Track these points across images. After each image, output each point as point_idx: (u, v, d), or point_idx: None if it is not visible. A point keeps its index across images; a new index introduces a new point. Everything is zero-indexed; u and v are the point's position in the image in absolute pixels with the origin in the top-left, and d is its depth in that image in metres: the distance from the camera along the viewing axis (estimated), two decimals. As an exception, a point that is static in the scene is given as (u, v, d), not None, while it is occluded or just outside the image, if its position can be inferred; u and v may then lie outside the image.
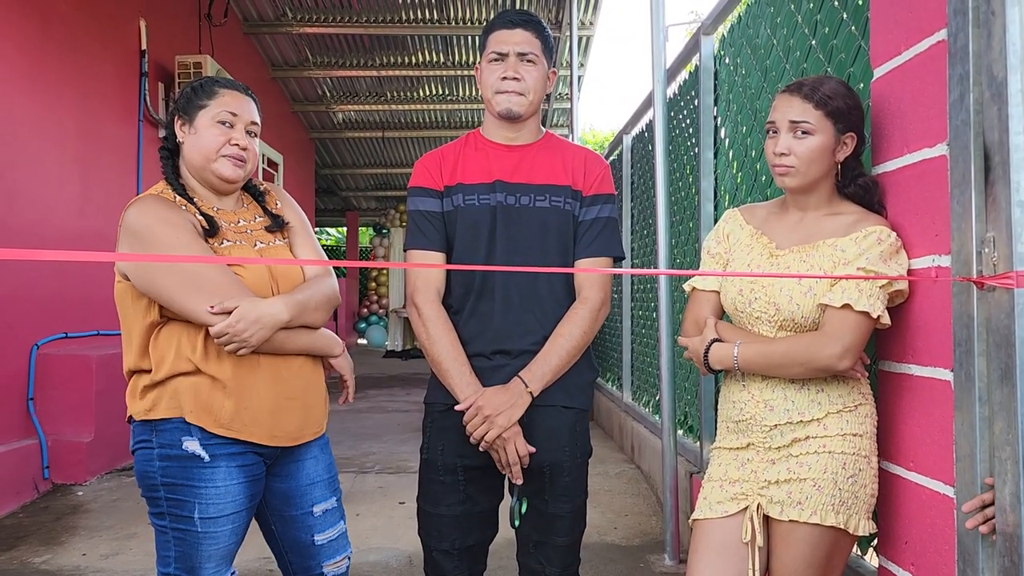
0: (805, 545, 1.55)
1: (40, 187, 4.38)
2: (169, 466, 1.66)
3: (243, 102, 1.78)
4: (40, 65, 4.40)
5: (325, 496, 1.87)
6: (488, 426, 1.74)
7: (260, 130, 1.84)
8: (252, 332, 1.63)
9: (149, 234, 1.64)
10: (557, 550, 1.85)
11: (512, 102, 1.85)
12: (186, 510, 1.65)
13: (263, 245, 1.80)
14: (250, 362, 1.70)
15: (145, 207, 1.67)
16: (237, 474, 1.69)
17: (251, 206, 1.89)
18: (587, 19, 7.84)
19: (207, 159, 1.74)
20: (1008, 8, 1.25)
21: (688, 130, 3.79)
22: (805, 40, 2.29)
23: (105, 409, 4.49)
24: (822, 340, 1.52)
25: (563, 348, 1.80)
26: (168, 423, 1.67)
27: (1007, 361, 1.25)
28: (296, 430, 1.78)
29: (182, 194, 1.75)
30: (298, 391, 1.77)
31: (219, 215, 1.78)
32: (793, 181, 1.61)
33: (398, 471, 4.68)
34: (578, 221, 1.88)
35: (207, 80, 1.81)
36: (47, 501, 4.05)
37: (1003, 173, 1.26)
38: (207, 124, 1.74)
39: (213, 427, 1.66)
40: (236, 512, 1.69)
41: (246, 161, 1.78)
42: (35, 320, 4.31)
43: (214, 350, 1.67)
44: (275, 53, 8.59)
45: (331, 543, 1.87)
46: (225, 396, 1.67)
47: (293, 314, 1.70)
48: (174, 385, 1.67)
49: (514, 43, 1.85)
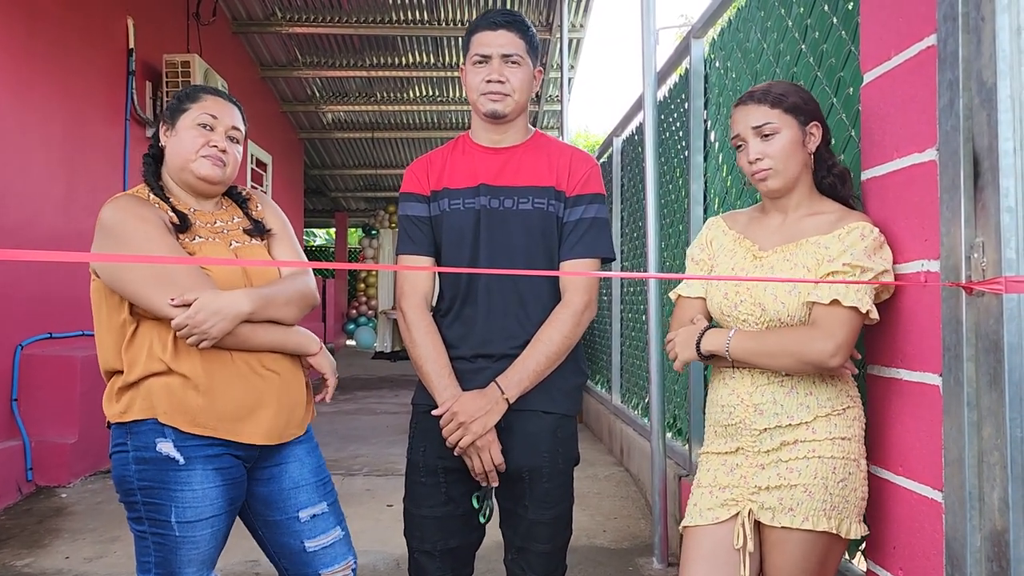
0: (798, 551, 1.55)
1: (26, 187, 4.34)
2: (144, 469, 1.65)
3: (225, 107, 1.81)
4: (26, 64, 4.36)
5: (313, 500, 1.84)
6: (462, 432, 1.74)
7: (243, 137, 1.85)
8: (212, 323, 1.62)
9: (120, 229, 1.66)
10: (539, 557, 1.84)
11: (497, 104, 1.84)
12: (163, 514, 1.64)
13: (238, 244, 1.81)
14: (221, 359, 1.69)
15: (118, 204, 1.70)
16: (214, 477, 1.67)
17: (231, 209, 1.89)
18: (578, 21, 7.83)
19: (186, 160, 1.76)
20: (998, 14, 1.25)
21: (678, 133, 3.79)
22: (795, 44, 2.30)
23: (89, 410, 4.44)
24: (815, 334, 1.52)
25: (541, 353, 1.79)
26: (142, 425, 1.66)
27: (995, 366, 1.25)
28: (272, 429, 1.75)
29: (158, 193, 1.77)
30: (273, 389, 1.75)
31: (195, 215, 1.79)
32: (776, 182, 1.62)
33: (386, 473, 4.66)
34: (563, 222, 1.87)
35: (193, 87, 1.84)
36: (30, 503, 4.01)
37: (992, 178, 1.26)
38: (187, 127, 1.76)
39: (186, 426, 1.65)
40: (214, 516, 1.67)
41: (225, 164, 1.79)
42: (19, 320, 4.27)
43: (185, 348, 1.66)
44: (264, 53, 8.55)
45: (325, 550, 1.83)
46: (197, 394, 1.66)
47: (256, 307, 1.69)
48: (147, 386, 1.67)
49: (498, 45, 1.83)
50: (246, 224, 1.87)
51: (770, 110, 1.61)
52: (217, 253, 1.74)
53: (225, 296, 1.65)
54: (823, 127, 1.65)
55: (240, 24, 7.73)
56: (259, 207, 1.93)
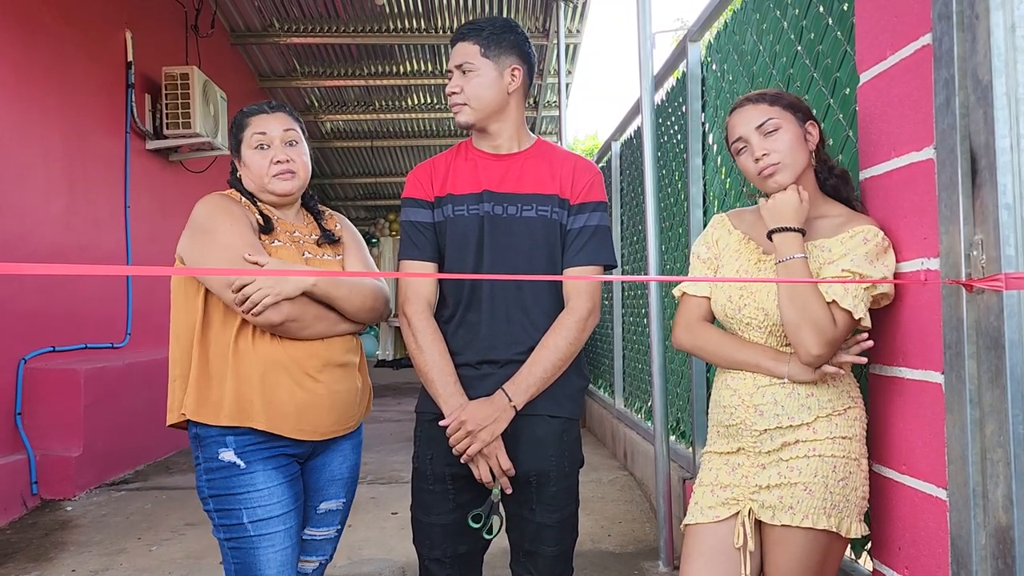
0: (798, 549, 1.55)
1: (26, 199, 4.35)
2: (213, 479, 1.75)
3: (270, 119, 1.88)
4: (25, 77, 4.38)
5: (337, 496, 1.94)
6: (471, 440, 1.75)
7: (300, 133, 1.93)
8: (278, 288, 1.70)
9: (209, 222, 1.78)
10: (546, 560, 1.85)
11: (458, 115, 1.88)
12: (235, 518, 1.73)
13: (310, 256, 1.90)
14: (276, 357, 1.76)
15: (211, 200, 1.84)
16: (275, 475, 1.77)
17: (309, 223, 1.99)
18: (574, 27, 7.85)
19: (261, 185, 1.87)
20: (992, 11, 1.26)
21: (676, 136, 3.80)
22: (791, 46, 2.30)
23: (93, 423, 4.45)
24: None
25: (547, 360, 1.79)
26: (208, 433, 1.75)
27: (997, 363, 1.25)
28: (323, 425, 1.83)
29: (247, 196, 1.89)
30: (325, 385, 1.82)
31: (279, 223, 1.89)
32: (785, 176, 1.60)
33: (390, 481, 4.66)
34: (566, 230, 1.87)
35: (239, 114, 1.93)
36: (35, 517, 4.01)
37: (990, 176, 1.26)
38: (249, 154, 1.87)
39: (245, 422, 1.73)
40: (285, 513, 1.77)
41: (295, 172, 1.87)
42: (22, 334, 4.28)
43: (242, 351, 1.75)
44: (262, 63, 8.58)
45: (315, 542, 1.94)
46: (252, 391, 1.74)
47: (319, 280, 1.77)
48: (215, 389, 1.76)
49: (454, 58, 1.88)
50: (317, 232, 1.96)
51: (769, 107, 1.62)
52: (291, 258, 1.83)
53: (291, 267, 1.76)
54: (819, 127, 1.66)
55: (238, 35, 7.76)
56: (337, 225, 2.03)
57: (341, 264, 1.96)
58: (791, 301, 1.51)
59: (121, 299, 5.39)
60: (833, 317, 1.49)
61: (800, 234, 1.54)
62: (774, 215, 1.56)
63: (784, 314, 1.52)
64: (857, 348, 1.56)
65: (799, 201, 1.55)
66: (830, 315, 1.49)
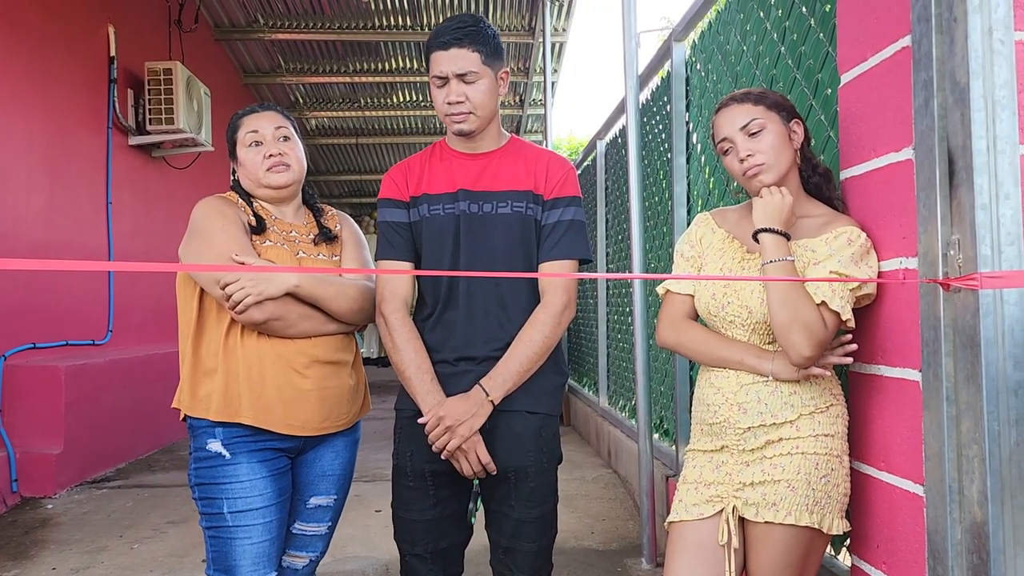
0: (781, 545, 1.56)
1: (7, 195, 4.31)
2: (200, 468, 1.80)
3: (261, 117, 1.93)
4: (7, 72, 4.33)
5: (328, 491, 1.97)
6: (450, 436, 1.76)
7: (292, 130, 1.96)
8: (262, 287, 1.73)
9: (203, 222, 1.84)
10: (526, 556, 1.85)
11: (462, 124, 1.84)
12: (216, 507, 1.77)
13: (304, 255, 1.92)
14: (265, 353, 1.80)
15: (207, 202, 1.89)
16: (259, 468, 1.79)
17: (309, 222, 2.01)
18: (560, 25, 7.86)
19: (256, 181, 1.91)
20: (970, 15, 1.28)
21: (661, 135, 3.82)
22: (774, 47, 2.32)
23: (74, 420, 4.42)
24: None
25: (523, 354, 1.80)
26: (200, 424, 1.80)
27: (973, 361, 1.27)
28: (312, 421, 1.85)
29: (244, 198, 1.93)
30: (313, 382, 1.83)
31: (274, 222, 1.93)
32: (769, 176, 1.61)
33: (374, 479, 4.65)
34: (540, 225, 1.88)
35: (232, 117, 1.98)
36: (16, 515, 3.97)
37: (967, 177, 1.28)
38: (244, 152, 1.92)
39: (232, 417, 1.77)
40: (265, 507, 1.79)
41: (289, 164, 1.91)
42: (2, 330, 4.24)
43: (231, 347, 1.80)
44: (247, 59, 8.52)
45: (304, 537, 1.96)
46: (240, 386, 1.78)
47: (303, 281, 1.79)
48: (203, 380, 1.81)
49: (451, 65, 1.80)
50: (315, 231, 1.98)
51: (754, 107, 1.63)
52: (281, 258, 1.86)
53: (277, 268, 1.82)
54: (803, 126, 1.67)
55: (222, 31, 7.71)
56: (337, 225, 2.04)
57: (337, 264, 1.97)
58: (783, 304, 1.51)
59: (103, 296, 5.34)
60: (823, 318, 1.51)
61: (786, 238, 1.56)
62: (767, 214, 1.57)
63: (775, 317, 1.53)
64: (842, 350, 1.58)
65: (789, 206, 1.57)
66: (820, 317, 1.50)
